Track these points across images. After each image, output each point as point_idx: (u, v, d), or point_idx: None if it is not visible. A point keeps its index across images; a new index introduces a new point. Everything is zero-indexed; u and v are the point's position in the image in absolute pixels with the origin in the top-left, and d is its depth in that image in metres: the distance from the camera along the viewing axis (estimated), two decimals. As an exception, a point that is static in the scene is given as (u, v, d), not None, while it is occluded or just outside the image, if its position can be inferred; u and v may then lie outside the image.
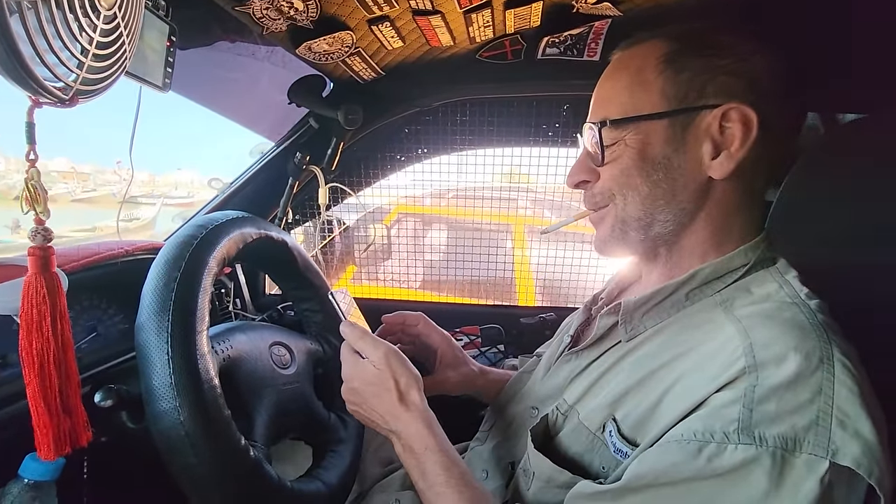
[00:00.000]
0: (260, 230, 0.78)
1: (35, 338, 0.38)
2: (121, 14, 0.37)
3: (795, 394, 0.39)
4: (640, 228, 0.55)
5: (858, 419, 0.38)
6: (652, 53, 0.53)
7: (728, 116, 0.50)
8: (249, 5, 0.65)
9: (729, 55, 0.50)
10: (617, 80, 0.56)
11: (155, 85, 0.61)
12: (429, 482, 0.56)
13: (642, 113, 0.52)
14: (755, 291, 0.50)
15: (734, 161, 0.50)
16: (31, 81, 0.30)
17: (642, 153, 0.53)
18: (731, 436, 0.39)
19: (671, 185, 0.52)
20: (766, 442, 0.38)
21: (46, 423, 0.40)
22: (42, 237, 0.37)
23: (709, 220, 0.53)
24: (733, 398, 0.41)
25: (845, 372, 0.40)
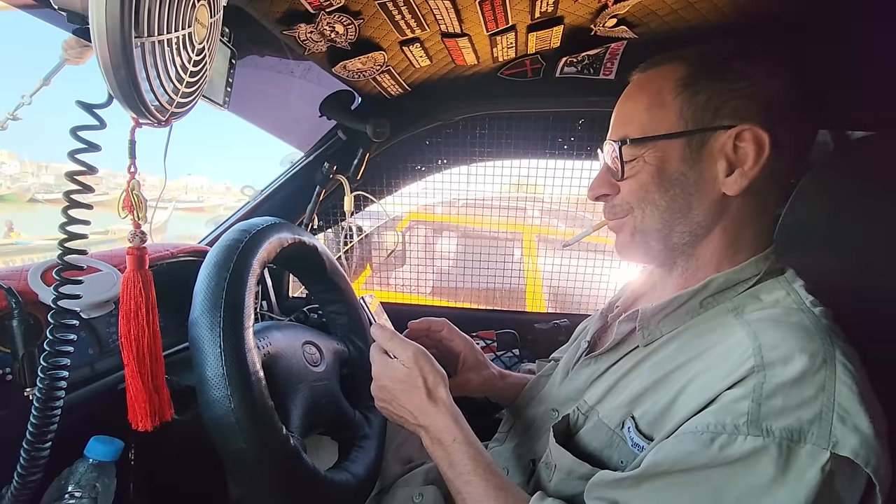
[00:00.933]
0: (294, 235, 0.84)
1: (133, 325, 0.43)
2: (207, 46, 0.42)
3: (800, 390, 0.43)
4: (659, 239, 0.58)
5: (857, 415, 0.41)
6: (670, 76, 0.56)
7: (742, 136, 0.52)
8: (296, 30, 0.71)
9: (743, 79, 0.53)
10: (637, 100, 0.59)
11: (217, 103, 0.67)
12: (457, 471, 0.60)
13: (660, 133, 0.55)
14: (764, 298, 0.54)
15: (748, 179, 0.53)
16: (142, 106, 0.36)
17: (660, 170, 0.56)
18: (741, 428, 0.43)
19: (687, 199, 0.55)
20: (773, 434, 0.41)
21: (143, 398, 0.46)
22: (140, 239, 0.42)
23: (723, 233, 0.56)
24: (743, 394, 0.44)
25: (846, 372, 0.44)
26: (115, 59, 0.33)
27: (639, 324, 0.59)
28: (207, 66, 0.43)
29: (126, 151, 0.40)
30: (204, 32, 0.41)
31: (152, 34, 0.34)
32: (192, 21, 0.39)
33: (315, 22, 0.70)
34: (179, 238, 1.08)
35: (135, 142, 0.39)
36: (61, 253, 0.39)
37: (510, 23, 0.78)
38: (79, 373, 0.71)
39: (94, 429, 0.61)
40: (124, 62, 0.33)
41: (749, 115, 0.52)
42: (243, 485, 0.63)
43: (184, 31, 0.38)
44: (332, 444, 0.92)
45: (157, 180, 0.95)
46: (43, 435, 0.43)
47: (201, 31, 0.40)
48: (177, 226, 11.05)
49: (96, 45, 0.32)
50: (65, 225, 0.38)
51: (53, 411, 0.44)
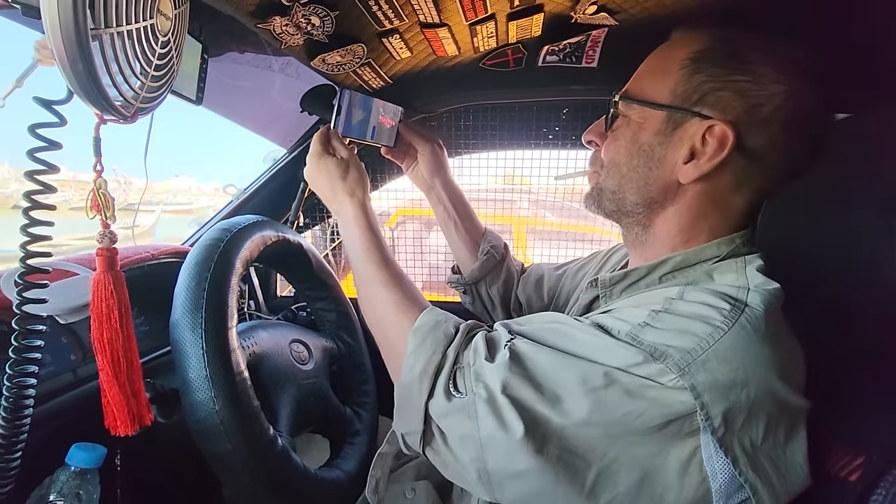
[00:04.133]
0: (278, 233, 0.83)
1: (106, 329, 0.42)
2: (173, 39, 0.41)
3: (686, 324, 0.46)
4: (612, 200, 0.61)
5: (721, 366, 0.43)
6: (687, 47, 0.55)
7: (711, 130, 0.52)
8: (270, 22, 0.69)
9: (745, 73, 0.51)
10: (654, 60, 0.60)
11: (189, 99, 0.65)
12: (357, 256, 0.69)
13: (648, 98, 0.56)
14: (716, 278, 0.54)
15: (699, 171, 0.53)
16: (105, 102, 0.35)
17: (636, 135, 0.57)
18: (621, 336, 0.46)
19: (645, 174, 0.57)
20: (643, 344, 0.45)
21: (121, 404, 0.45)
22: (109, 240, 0.41)
23: (678, 216, 0.57)
24: (639, 315, 0.48)
25: (739, 337, 0.44)
26: (72, 53, 0.31)
27: (601, 291, 0.62)
28: (175, 60, 0.42)
29: (92, 149, 0.39)
30: (168, 24, 0.40)
31: (110, 25, 0.33)
32: (154, 12, 0.37)
33: (290, 14, 0.68)
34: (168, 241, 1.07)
35: (100, 139, 0.38)
36: (23, 256, 0.38)
37: (489, 11, 0.77)
38: (61, 379, 0.70)
39: (79, 435, 0.60)
40: (81, 55, 0.31)
41: (729, 111, 0.52)
42: (233, 487, 0.63)
43: (145, 23, 0.36)
44: (323, 441, 0.92)
45: (146, 183, 0.93)
46: (12, 445, 0.42)
47: (165, 22, 0.39)
48: (165, 229, 10.92)
49: (50, 38, 0.31)
50: (26, 227, 0.36)
51: (22, 420, 0.42)
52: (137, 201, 1.09)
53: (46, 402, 0.64)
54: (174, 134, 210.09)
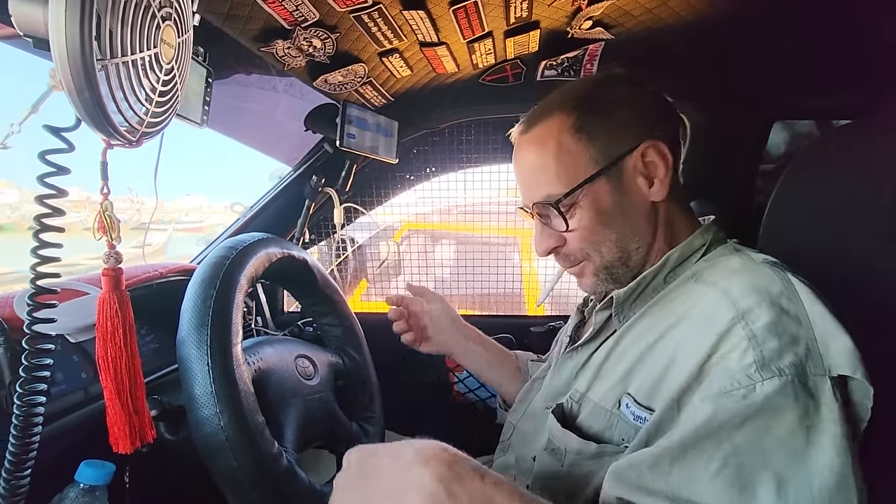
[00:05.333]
0: (283, 250, 0.84)
1: (110, 347, 0.43)
2: (177, 66, 0.43)
3: (785, 328, 0.46)
4: (621, 265, 0.62)
5: (836, 334, 0.45)
6: (562, 127, 0.60)
7: (646, 153, 0.59)
8: (273, 46, 0.71)
9: (622, 105, 0.60)
10: (541, 158, 0.61)
11: (194, 122, 0.67)
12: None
13: (582, 180, 0.59)
14: (720, 263, 0.57)
15: (666, 184, 0.59)
16: (111, 128, 0.36)
17: (598, 211, 0.60)
18: (755, 375, 0.44)
19: (630, 222, 0.61)
20: (786, 372, 0.43)
21: (123, 421, 0.46)
22: (114, 260, 0.42)
23: (664, 229, 0.62)
24: (740, 347, 0.46)
25: (811, 298, 0.48)
26: (79, 83, 0.33)
27: (614, 310, 0.62)
28: (178, 87, 0.44)
29: (99, 173, 0.40)
30: (172, 53, 0.42)
31: (115, 56, 0.35)
32: (158, 42, 0.39)
33: (292, 38, 0.71)
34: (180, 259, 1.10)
35: (107, 163, 0.40)
36: (34, 277, 0.39)
37: (486, 29, 0.79)
38: (73, 397, 0.71)
39: (88, 452, 0.60)
40: (87, 85, 0.33)
41: (641, 134, 0.59)
42: (239, 503, 0.63)
43: (149, 52, 0.38)
44: (329, 457, 0.92)
45: (156, 203, 0.95)
46: (22, 463, 0.43)
47: (168, 51, 0.41)
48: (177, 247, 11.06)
49: (59, 69, 0.33)
50: (37, 249, 0.38)
51: (32, 438, 0.43)
52: (149, 220, 1.12)
53: (57, 420, 0.65)
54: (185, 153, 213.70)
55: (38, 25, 0.35)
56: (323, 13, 0.67)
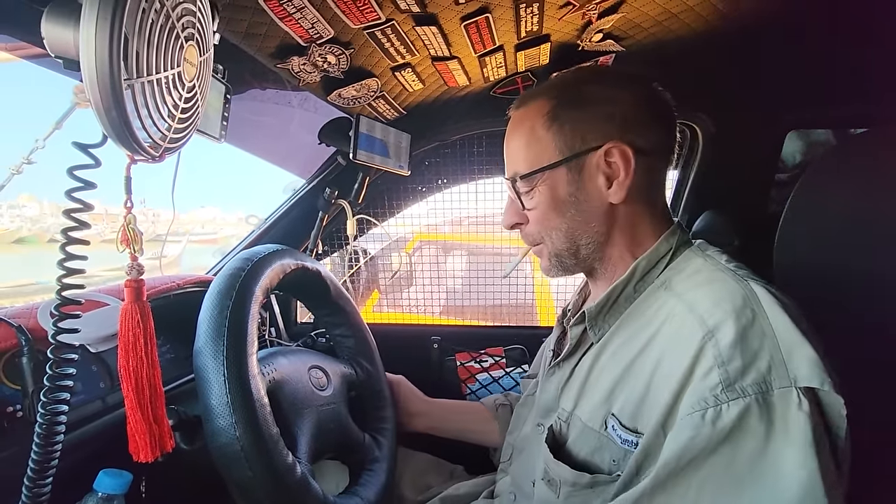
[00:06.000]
0: (297, 261, 0.85)
1: (132, 357, 0.44)
2: (198, 84, 0.44)
3: (749, 345, 0.47)
4: (570, 255, 0.65)
5: (801, 345, 0.46)
6: (539, 112, 0.63)
7: (610, 153, 0.59)
8: (289, 62, 0.73)
9: (599, 103, 0.61)
10: (517, 138, 0.65)
11: (213, 137, 0.69)
12: None
13: (543, 165, 0.62)
14: (686, 269, 0.59)
15: (625, 187, 0.60)
16: (135, 144, 0.37)
17: (553, 197, 0.62)
18: (721, 396, 0.45)
19: (583, 216, 0.62)
20: (748, 392, 0.45)
21: (143, 430, 0.46)
22: (137, 272, 0.43)
23: (623, 233, 0.63)
24: (708, 366, 0.47)
25: (775, 308, 0.49)
26: (107, 101, 0.34)
27: (588, 323, 0.63)
28: (199, 103, 0.45)
29: (123, 187, 0.41)
30: (194, 71, 0.43)
31: (141, 75, 0.36)
32: (181, 61, 0.41)
33: (307, 54, 0.73)
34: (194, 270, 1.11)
35: (130, 178, 0.41)
36: (60, 288, 0.41)
37: (497, 43, 0.80)
38: (91, 407, 0.72)
39: (106, 462, 0.61)
40: (115, 103, 0.34)
41: (611, 134, 0.60)
42: (253, 513, 0.63)
43: (173, 71, 0.39)
44: (342, 468, 0.92)
45: (173, 216, 0.97)
46: (44, 471, 0.44)
47: (191, 69, 0.42)
48: (192, 258, 11.22)
49: (88, 88, 0.34)
50: (63, 261, 0.39)
51: (54, 446, 0.44)
52: (165, 233, 1.14)
53: (76, 430, 0.66)
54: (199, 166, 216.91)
55: (69, 47, 0.36)
56: (338, 30, 0.69)
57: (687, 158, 1.12)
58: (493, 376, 1.23)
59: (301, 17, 0.63)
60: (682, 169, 1.13)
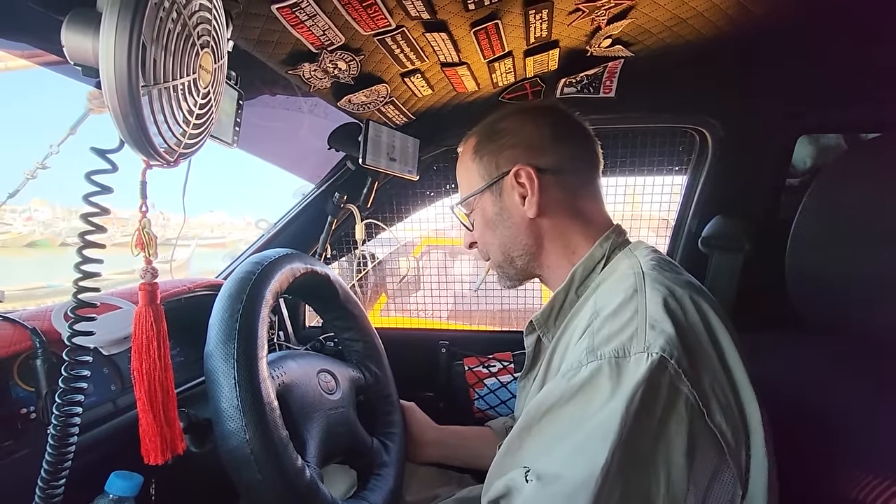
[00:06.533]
0: (306, 265, 0.85)
1: (145, 359, 0.45)
2: (213, 90, 0.45)
3: (619, 318, 0.52)
4: (509, 266, 0.74)
5: (664, 321, 0.50)
6: (468, 148, 0.74)
7: (518, 174, 0.67)
8: (300, 69, 0.74)
9: (507, 134, 0.70)
10: (458, 171, 0.77)
11: (226, 142, 0.70)
12: None
13: (472, 191, 0.73)
14: (616, 270, 0.64)
15: (535, 203, 0.67)
16: (152, 150, 0.38)
17: (484, 217, 0.73)
18: (583, 359, 0.50)
19: (510, 231, 0.71)
20: (605, 355, 0.49)
21: (155, 433, 0.47)
22: (151, 275, 0.44)
23: (553, 242, 0.70)
24: (584, 337, 0.53)
25: (655, 293, 0.53)
26: (124, 107, 0.35)
27: (539, 330, 0.71)
28: (213, 109, 0.46)
29: (138, 192, 0.42)
30: (208, 78, 0.44)
31: (158, 82, 0.37)
32: (197, 68, 0.41)
33: (318, 60, 0.73)
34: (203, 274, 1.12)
35: (146, 183, 0.42)
36: (76, 291, 0.41)
37: (506, 49, 0.80)
38: (102, 409, 0.73)
39: (116, 464, 0.62)
40: (132, 110, 0.35)
41: (517, 158, 0.68)
42: (261, 518, 0.63)
43: (189, 78, 0.40)
44: (350, 472, 0.92)
45: (184, 220, 0.98)
46: (58, 472, 0.44)
47: (206, 76, 0.43)
48: (200, 262, 11.31)
49: (106, 95, 0.35)
50: (80, 264, 0.40)
51: (68, 447, 0.45)
52: (175, 237, 1.15)
53: (87, 432, 0.67)
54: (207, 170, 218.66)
55: (88, 55, 0.37)
56: (349, 37, 0.70)
57: (696, 163, 1.11)
58: (502, 381, 1.23)
59: (313, 24, 0.64)
60: (692, 174, 1.13)
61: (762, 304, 0.92)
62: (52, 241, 21.78)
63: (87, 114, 1.04)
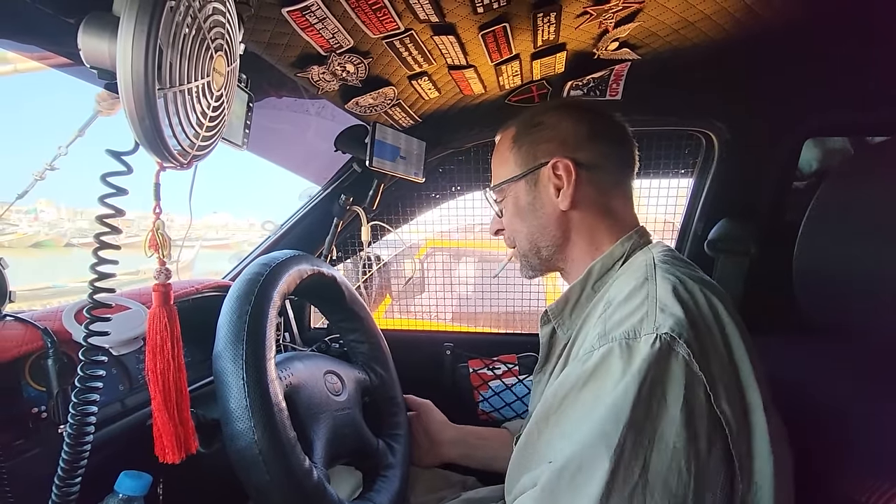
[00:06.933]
0: (313, 267, 0.86)
1: (159, 359, 0.45)
2: (225, 93, 0.45)
3: (630, 303, 0.54)
4: (533, 256, 0.74)
5: (673, 306, 0.51)
6: (507, 137, 0.75)
7: (556, 167, 0.68)
8: (309, 71, 0.74)
9: (545, 128, 0.71)
10: (495, 158, 0.78)
11: (236, 144, 0.70)
12: None
13: (508, 178, 0.73)
14: (632, 265, 0.65)
15: (569, 196, 0.68)
16: (166, 152, 0.38)
17: (517, 205, 0.74)
18: (596, 343, 0.52)
19: (540, 221, 0.72)
20: (616, 338, 0.50)
21: (169, 431, 0.47)
22: (164, 276, 0.44)
23: (580, 236, 0.71)
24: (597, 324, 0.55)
25: (666, 281, 0.55)
26: (140, 110, 0.35)
27: (554, 321, 0.71)
28: (226, 111, 0.46)
29: (152, 194, 0.43)
30: (222, 80, 0.44)
31: (174, 85, 0.37)
32: (211, 71, 0.42)
33: (327, 63, 0.74)
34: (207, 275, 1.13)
35: (159, 184, 0.42)
36: (91, 292, 0.42)
37: (514, 52, 0.80)
38: (110, 409, 0.73)
39: (125, 463, 0.62)
40: (148, 112, 0.35)
41: (555, 151, 0.69)
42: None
43: (203, 81, 0.41)
44: (355, 474, 0.92)
45: (186, 220, 0.99)
46: (74, 470, 0.45)
47: (219, 79, 0.43)
48: (204, 263, 11.34)
49: (123, 98, 0.35)
50: (95, 265, 0.40)
51: (84, 446, 0.45)
52: (180, 238, 1.15)
53: (97, 432, 0.67)
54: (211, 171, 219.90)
55: (104, 58, 0.37)
56: (357, 40, 0.70)
57: (702, 166, 1.11)
58: (506, 383, 1.23)
59: (322, 27, 0.64)
60: (698, 177, 1.13)
61: (769, 307, 0.92)
62: (57, 241, 21.89)
63: (95, 116, 1.05)
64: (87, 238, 21.43)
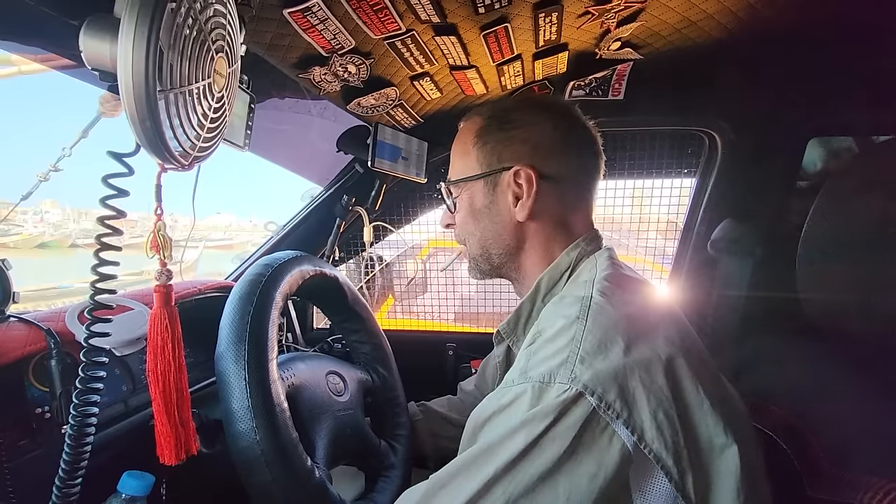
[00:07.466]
0: (316, 267, 0.86)
1: (160, 360, 0.45)
2: (226, 94, 0.45)
3: (554, 344, 0.51)
4: (485, 261, 0.72)
5: (595, 356, 0.48)
6: (472, 128, 0.70)
7: (518, 174, 0.65)
8: (311, 72, 0.74)
9: (519, 127, 0.66)
10: (455, 148, 0.73)
11: (238, 145, 0.71)
12: None
13: (466, 175, 0.69)
14: (577, 281, 0.63)
15: (527, 208, 0.65)
16: (167, 153, 0.39)
17: (471, 205, 0.70)
18: (515, 380, 0.50)
19: (494, 227, 0.68)
20: (532, 379, 0.49)
21: (169, 433, 0.47)
22: (166, 277, 0.45)
23: (534, 249, 0.68)
24: (522, 356, 0.53)
25: (596, 321, 0.52)
26: (141, 112, 0.36)
27: (508, 340, 0.70)
28: (227, 113, 0.46)
29: (153, 195, 0.43)
30: (223, 82, 0.44)
31: (174, 87, 0.37)
32: (212, 72, 0.42)
33: (328, 64, 0.74)
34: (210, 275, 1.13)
35: (161, 186, 0.42)
36: (93, 293, 0.42)
37: (515, 52, 0.80)
38: (113, 409, 0.73)
39: (127, 464, 0.62)
40: (149, 114, 0.35)
41: (523, 157, 0.65)
42: (270, 519, 0.63)
43: (204, 82, 0.41)
44: (358, 474, 0.92)
45: (189, 220, 0.99)
46: (75, 471, 0.45)
47: (220, 80, 0.43)
48: (207, 264, 11.39)
49: (124, 100, 0.35)
50: (96, 266, 0.40)
51: (85, 447, 0.45)
52: (184, 238, 1.16)
53: (100, 432, 0.67)
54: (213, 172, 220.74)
55: (105, 60, 0.38)
56: (359, 41, 0.70)
57: (705, 166, 1.11)
58: (508, 384, 1.23)
59: (324, 28, 0.64)
60: (701, 176, 1.12)
61: (771, 307, 0.91)
62: (62, 242, 22.02)
63: (98, 117, 1.05)
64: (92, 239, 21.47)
